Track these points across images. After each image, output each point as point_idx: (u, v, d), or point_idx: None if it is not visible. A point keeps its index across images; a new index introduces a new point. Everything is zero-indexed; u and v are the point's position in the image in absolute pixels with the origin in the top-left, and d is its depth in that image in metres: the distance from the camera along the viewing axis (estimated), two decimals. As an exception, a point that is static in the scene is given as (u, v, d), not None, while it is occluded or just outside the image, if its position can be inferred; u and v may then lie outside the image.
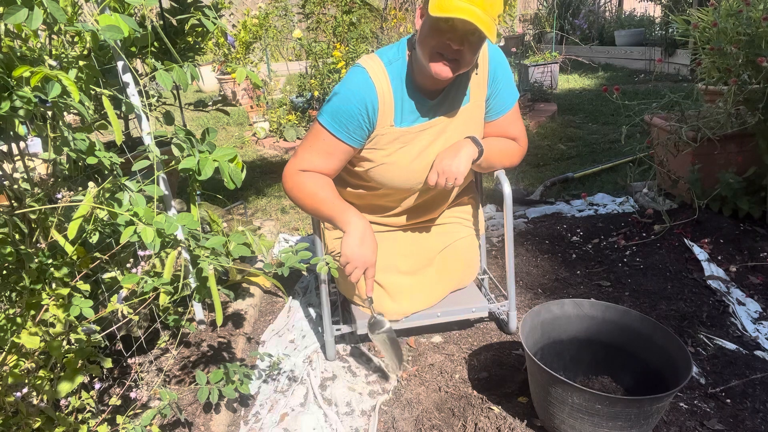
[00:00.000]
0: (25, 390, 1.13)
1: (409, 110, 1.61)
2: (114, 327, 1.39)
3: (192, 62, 1.62)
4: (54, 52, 1.42)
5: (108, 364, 1.26)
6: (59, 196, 1.32)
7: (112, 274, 1.43)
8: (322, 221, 1.79)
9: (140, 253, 1.43)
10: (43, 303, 1.16)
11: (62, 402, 1.22)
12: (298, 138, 4.83)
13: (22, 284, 1.19)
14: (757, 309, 1.94)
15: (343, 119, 1.56)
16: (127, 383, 1.55)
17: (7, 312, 1.14)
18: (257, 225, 2.83)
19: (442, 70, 1.45)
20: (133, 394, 1.47)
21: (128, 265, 1.49)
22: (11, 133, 1.19)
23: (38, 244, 1.26)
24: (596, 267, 2.32)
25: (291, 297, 2.30)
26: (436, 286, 1.87)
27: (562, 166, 3.79)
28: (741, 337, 1.80)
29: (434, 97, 1.62)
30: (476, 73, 1.64)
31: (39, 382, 1.16)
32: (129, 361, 1.71)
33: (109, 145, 2.03)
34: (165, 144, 1.34)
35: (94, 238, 1.27)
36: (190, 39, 2.20)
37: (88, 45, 1.45)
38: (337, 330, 1.83)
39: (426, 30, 1.43)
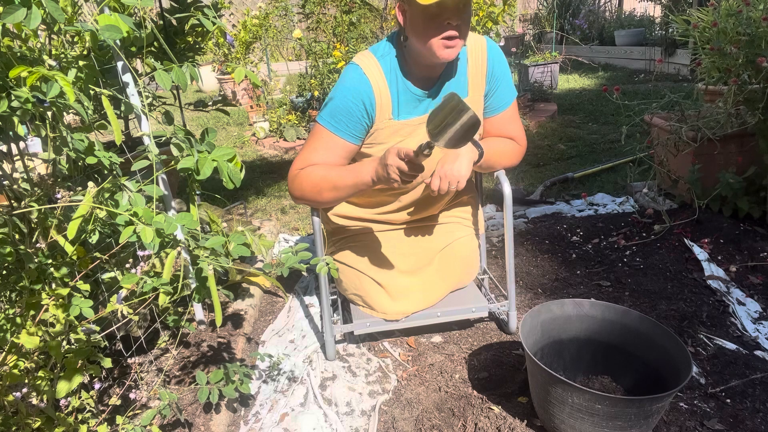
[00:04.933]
0: (24, 390, 1.13)
1: (406, 102, 1.62)
2: (114, 327, 1.39)
3: (192, 62, 1.62)
4: (54, 52, 1.42)
5: (108, 364, 1.26)
6: (59, 196, 1.32)
7: (112, 274, 1.43)
8: (346, 200, 1.74)
9: (140, 253, 1.42)
10: (42, 303, 1.16)
11: (62, 402, 1.21)
12: (298, 138, 4.83)
13: (21, 284, 1.18)
14: (757, 309, 1.94)
15: (342, 117, 1.57)
16: (127, 383, 1.55)
17: (6, 312, 1.14)
18: (257, 225, 2.83)
19: (449, 53, 1.47)
20: (132, 395, 1.47)
21: (128, 265, 1.48)
22: (10, 133, 1.19)
23: (38, 244, 1.26)
24: (596, 267, 2.32)
25: (291, 297, 2.30)
26: (436, 286, 1.87)
27: (562, 166, 3.78)
28: (741, 337, 1.80)
29: (429, 87, 1.63)
30: (472, 66, 1.64)
31: (39, 382, 1.16)
32: (129, 361, 1.71)
33: (109, 145, 2.03)
34: (165, 144, 1.34)
35: (94, 238, 1.26)
36: (190, 39, 2.19)
37: (87, 45, 1.45)
38: (336, 318, 1.83)
39: (419, 22, 1.44)
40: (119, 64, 1.43)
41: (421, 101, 1.64)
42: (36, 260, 1.19)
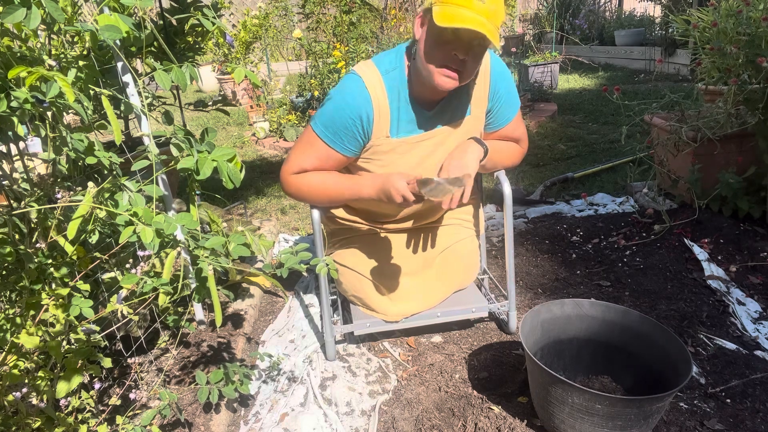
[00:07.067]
0: (24, 390, 1.13)
1: (406, 121, 1.60)
2: (114, 327, 1.39)
3: (192, 62, 1.62)
4: (54, 52, 1.42)
5: (108, 364, 1.26)
6: (59, 196, 1.32)
7: (112, 274, 1.43)
8: (341, 205, 1.84)
9: (140, 253, 1.42)
10: (42, 303, 1.16)
11: (62, 402, 1.21)
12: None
13: (21, 284, 1.18)
14: (757, 309, 1.94)
15: (338, 129, 1.56)
16: (127, 383, 1.55)
17: (6, 312, 1.14)
18: (257, 225, 2.83)
19: (446, 81, 1.45)
20: (132, 395, 1.47)
21: (128, 265, 1.48)
22: (10, 133, 1.19)
23: (38, 244, 1.26)
24: (596, 267, 2.32)
25: (291, 297, 2.30)
26: (437, 288, 1.87)
27: (562, 166, 3.78)
28: (741, 337, 1.80)
29: (432, 108, 1.61)
30: (476, 83, 1.63)
31: (39, 382, 1.16)
32: (129, 361, 1.71)
33: (109, 145, 2.03)
34: (165, 144, 1.34)
35: (94, 238, 1.26)
36: (190, 39, 2.19)
37: (87, 45, 1.45)
38: (335, 318, 1.83)
39: (430, 41, 1.42)
40: (119, 64, 1.43)
41: (422, 120, 1.61)
42: (36, 260, 1.19)
